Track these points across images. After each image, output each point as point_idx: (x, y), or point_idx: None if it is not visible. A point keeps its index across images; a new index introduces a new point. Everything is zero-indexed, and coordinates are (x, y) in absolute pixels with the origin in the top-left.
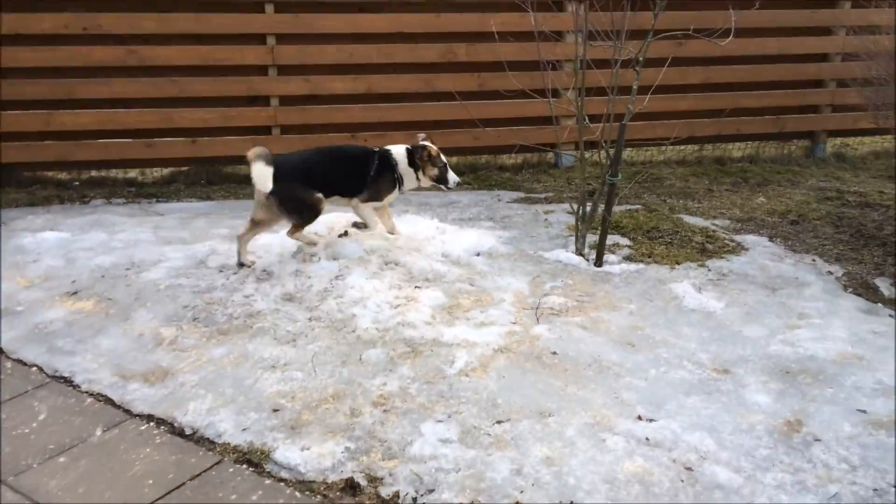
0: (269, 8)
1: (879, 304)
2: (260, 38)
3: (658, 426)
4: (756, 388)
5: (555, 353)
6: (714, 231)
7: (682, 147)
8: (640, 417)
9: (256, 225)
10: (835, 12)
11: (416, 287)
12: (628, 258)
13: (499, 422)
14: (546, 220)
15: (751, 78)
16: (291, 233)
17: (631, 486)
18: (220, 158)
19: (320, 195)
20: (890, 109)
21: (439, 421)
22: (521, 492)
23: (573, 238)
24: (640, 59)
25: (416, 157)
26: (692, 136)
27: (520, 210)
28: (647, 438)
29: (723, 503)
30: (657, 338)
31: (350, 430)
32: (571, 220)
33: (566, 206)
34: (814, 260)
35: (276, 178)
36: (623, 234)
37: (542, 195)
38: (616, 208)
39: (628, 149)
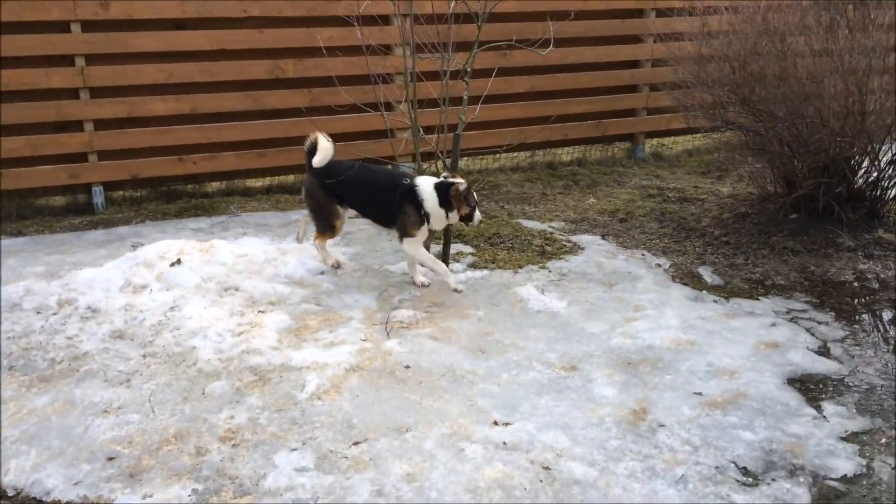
0: (76, 27)
1: (704, 291)
2: (68, 60)
3: (514, 429)
4: (602, 381)
5: (408, 366)
6: (552, 233)
7: (515, 154)
8: (496, 423)
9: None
10: (643, 21)
11: (259, 311)
12: (473, 265)
13: (356, 443)
14: (389, 232)
15: (573, 85)
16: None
17: (492, 493)
18: (31, 190)
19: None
20: (697, 110)
21: (293, 449)
22: None
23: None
24: (468, 69)
25: (451, 197)
26: (523, 142)
27: (362, 225)
28: (504, 443)
29: (580, 499)
30: (507, 342)
31: (196, 470)
32: None
33: None
34: (643, 254)
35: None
36: (466, 242)
37: None
38: None
39: (464, 158)
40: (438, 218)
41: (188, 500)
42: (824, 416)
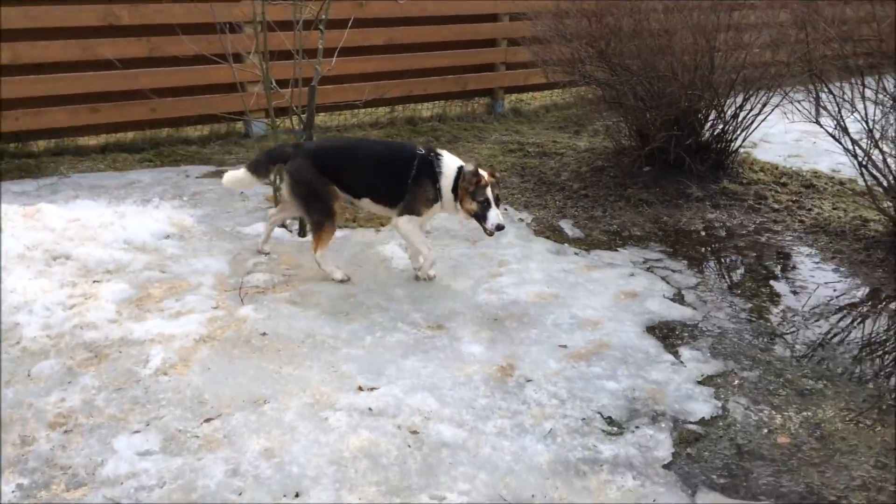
0: None
1: (566, 245)
2: None
3: (380, 394)
4: (469, 339)
5: (265, 333)
6: None
7: (375, 109)
8: (360, 388)
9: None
10: None
11: (94, 282)
12: None
13: (207, 420)
14: (242, 193)
15: (432, 38)
16: (314, 244)
17: (358, 463)
18: None
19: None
20: (555, 64)
21: (136, 432)
22: (240, 493)
23: (273, 209)
24: (322, 18)
25: (459, 181)
26: (382, 97)
27: (211, 185)
28: (370, 409)
29: (450, 461)
30: (370, 303)
31: (22, 462)
32: (269, 191)
33: None
34: (506, 209)
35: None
36: None
37: (236, 168)
38: None
39: (321, 113)
40: (448, 202)
41: (13, 496)
42: (682, 362)
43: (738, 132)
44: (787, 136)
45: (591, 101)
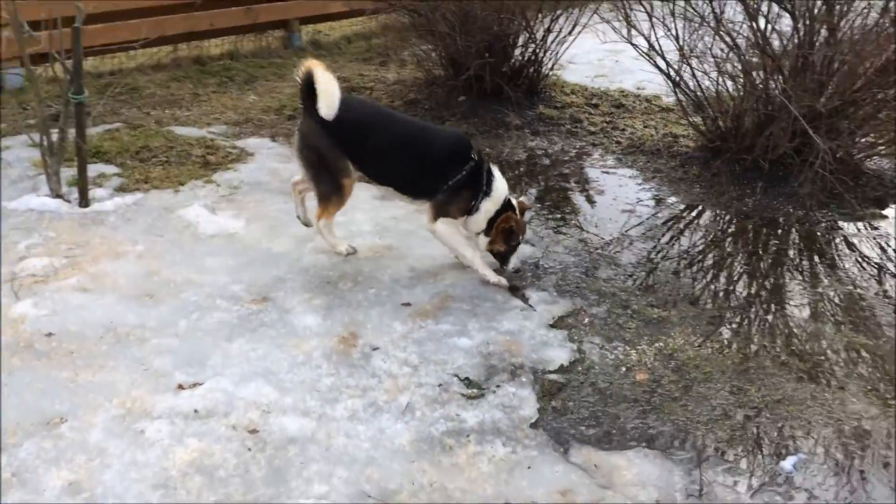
0: None
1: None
2: None
3: (206, 390)
4: (302, 309)
5: (51, 334)
6: (213, 140)
7: (155, 49)
8: (181, 387)
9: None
10: None
11: None
12: (121, 189)
13: None
14: (1, 159)
15: None
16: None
17: (190, 481)
18: None
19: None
20: None
21: None
22: None
23: (44, 177)
24: None
25: (501, 215)
26: (163, 35)
27: None
28: (196, 411)
29: (300, 460)
30: (179, 280)
31: None
32: (37, 154)
33: (25, 138)
34: None
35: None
36: (108, 162)
37: None
38: (91, 131)
39: (90, 58)
40: (475, 224)
41: None
42: (531, 306)
43: (549, 55)
44: (590, 55)
45: (398, 28)
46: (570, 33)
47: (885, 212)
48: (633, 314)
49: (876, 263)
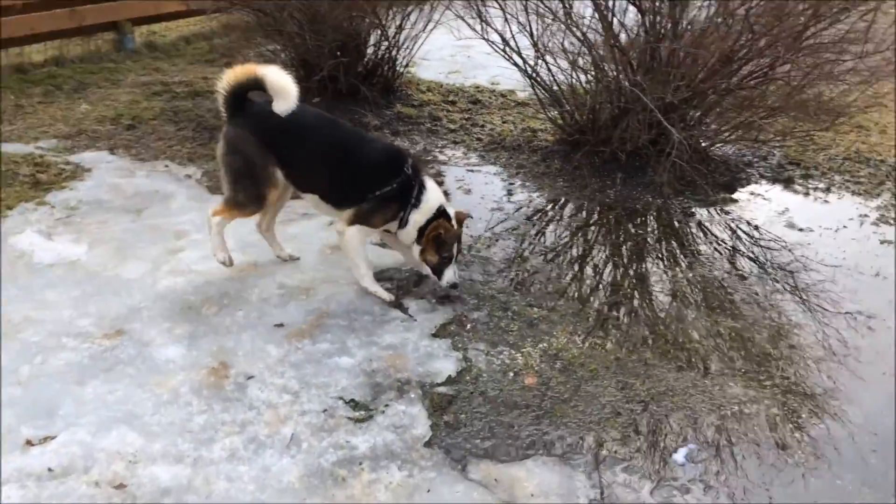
0: None
1: None
2: None
3: (60, 444)
4: (163, 340)
5: None
6: (42, 156)
7: None
8: (30, 443)
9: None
10: None
11: None
12: None
13: None
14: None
15: None
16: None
17: None
18: None
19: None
20: None
21: None
22: None
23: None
24: None
25: (431, 224)
26: None
27: None
28: (50, 469)
29: None
30: (16, 318)
31: None
32: None
33: None
34: (167, 165)
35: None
36: None
37: None
38: None
39: None
40: (406, 235)
41: None
42: (411, 316)
43: (402, 52)
44: (443, 51)
45: (242, 28)
46: (423, 30)
47: (734, 195)
48: (514, 316)
49: (731, 246)
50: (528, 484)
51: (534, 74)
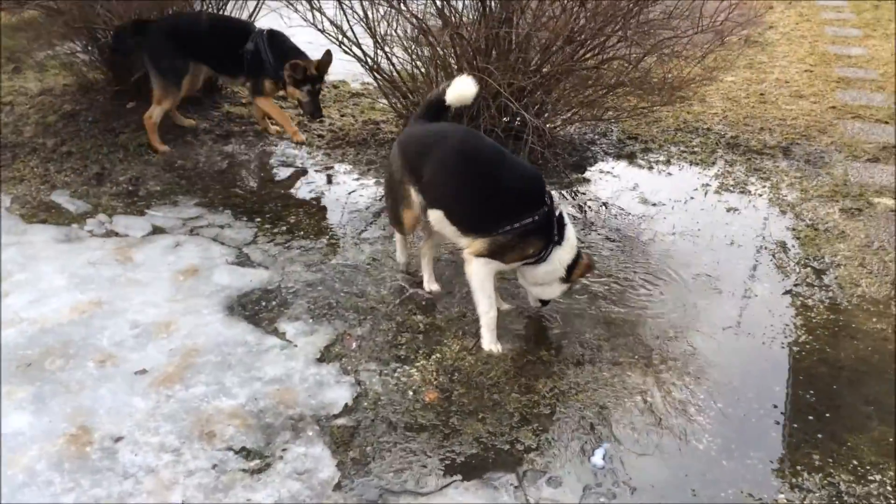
0: None
1: (75, 226)
2: None
3: None
4: (4, 409)
5: None
6: None
7: None
8: None
9: None
10: None
11: None
12: None
13: None
14: None
15: None
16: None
17: None
18: None
19: None
20: None
21: None
22: None
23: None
24: None
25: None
26: None
27: None
28: None
29: None
30: None
31: None
32: None
33: None
34: None
35: None
36: None
37: None
38: None
39: None
40: (548, 274)
41: None
42: (289, 341)
43: None
44: None
45: (33, 24)
46: (250, 16)
47: (585, 175)
48: (399, 327)
49: (592, 226)
50: None
51: (375, 66)
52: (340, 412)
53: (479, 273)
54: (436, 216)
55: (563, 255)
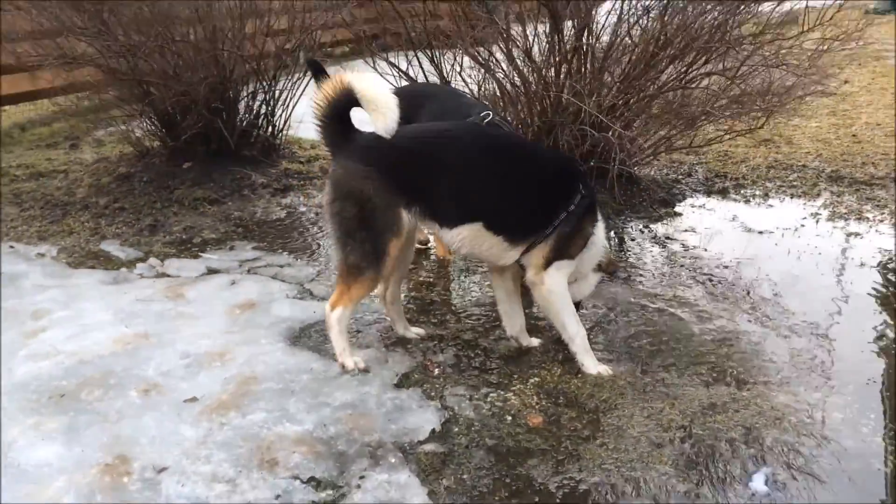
0: None
1: (124, 269)
2: None
3: None
4: (28, 441)
5: None
6: None
7: None
8: None
9: None
10: None
11: None
12: None
13: None
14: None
15: None
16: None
17: None
18: None
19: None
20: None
21: None
22: None
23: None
24: None
25: None
26: None
27: None
28: None
29: None
30: None
31: None
32: None
33: None
34: (12, 247)
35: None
36: None
37: None
38: None
39: None
40: (591, 259)
41: None
42: (361, 369)
43: (280, 108)
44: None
45: (93, 106)
46: (300, 80)
47: (676, 209)
48: (488, 352)
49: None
50: None
51: None
52: (427, 438)
53: (559, 287)
54: (468, 232)
55: (602, 233)
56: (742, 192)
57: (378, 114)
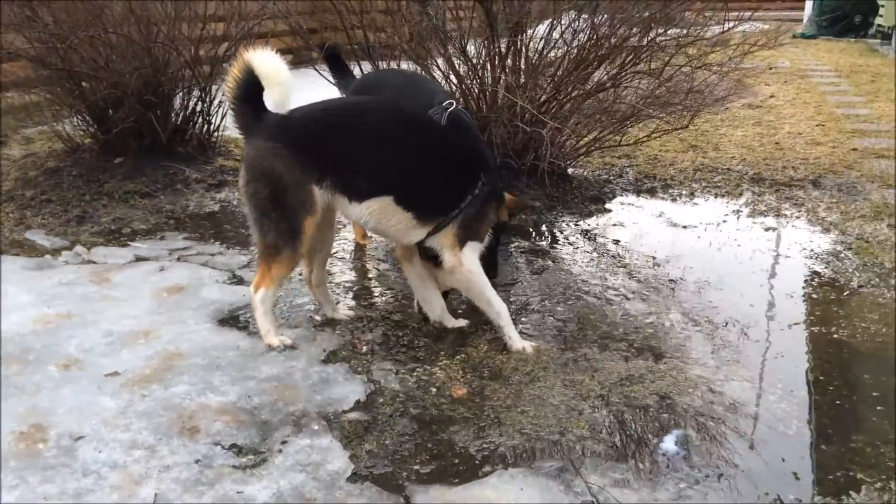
0: None
1: (48, 256)
2: None
3: None
4: None
5: None
6: None
7: None
8: None
9: None
10: None
11: None
12: None
13: None
14: None
15: None
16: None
17: None
18: None
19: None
20: None
21: None
22: None
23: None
24: None
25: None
26: None
27: None
28: None
29: None
30: None
31: None
32: None
33: None
34: None
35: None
36: None
37: None
38: None
39: None
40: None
41: None
42: (290, 346)
43: (218, 108)
44: None
45: (22, 104)
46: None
47: (606, 206)
48: (415, 332)
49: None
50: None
51: None
52: (351, 408)
53: (477, 266)
54: (377, 206)
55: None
56: (669, 191)
57: (272, 89)
